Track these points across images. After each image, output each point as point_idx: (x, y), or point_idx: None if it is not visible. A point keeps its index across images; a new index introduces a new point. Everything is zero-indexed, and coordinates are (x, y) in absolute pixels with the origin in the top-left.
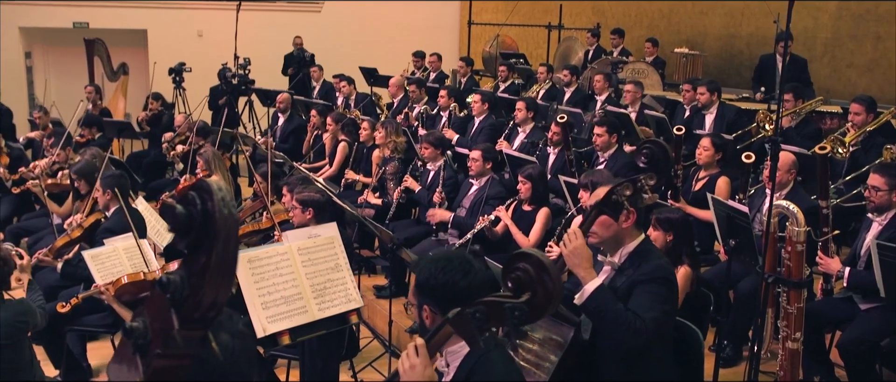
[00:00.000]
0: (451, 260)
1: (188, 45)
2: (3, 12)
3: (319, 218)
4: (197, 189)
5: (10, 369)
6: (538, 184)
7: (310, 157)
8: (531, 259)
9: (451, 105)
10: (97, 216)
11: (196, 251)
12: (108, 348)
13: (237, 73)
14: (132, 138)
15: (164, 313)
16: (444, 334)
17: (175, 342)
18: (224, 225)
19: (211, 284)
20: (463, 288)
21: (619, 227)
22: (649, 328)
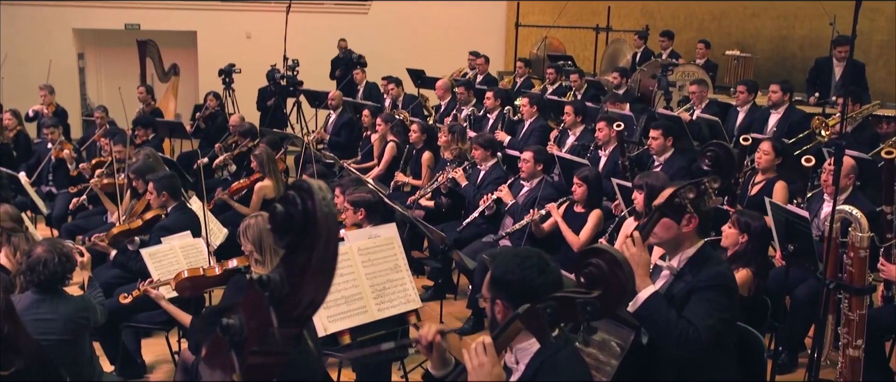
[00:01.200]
0: (528, 257)
1: (236, 47)
2: (57, 14)
3: (371, 218)
4: (297, 188)
5: (71, 364)
6: (594, 186)
7: (358, 156)
8: (604, 254)
9: (498, 107)
10: (158, 212)
11: (296, 250)
12: (162, 345)
13: (285, 75)
14: (183, 138)
15: (261, 311)
16: (514, 330)
17: (273, 339)
18: (325, 224)
19: (311, 283)
20: (538, 285)
21: (679, 231)
22: (703, 337)
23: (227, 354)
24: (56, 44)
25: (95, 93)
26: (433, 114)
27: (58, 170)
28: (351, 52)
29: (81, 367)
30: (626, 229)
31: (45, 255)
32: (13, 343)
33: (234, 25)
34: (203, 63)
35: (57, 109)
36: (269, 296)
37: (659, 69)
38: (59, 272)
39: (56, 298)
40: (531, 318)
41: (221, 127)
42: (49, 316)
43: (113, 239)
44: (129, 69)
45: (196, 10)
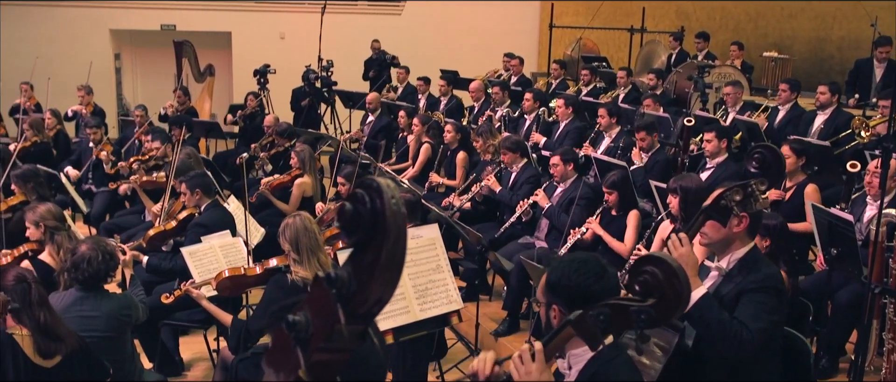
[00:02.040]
0: (585, 262)
1: (270, 48)
2: (94, 15)
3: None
4: (365, 187)
5: (113, 360)
6: (623, 189)
7: (393, 157)
8: (660, 263)
9: (536, 108)
10: (191, 210)
11: (364, 248)
12: (199, 343)
13: (320, 75)
14: (219, 138)
15: (328, 308)
16: (565, 336)
17: (340, 336)
18: (395, 222)
19: (380, 280)
20: (596, 291)
21: (729, 231)
22: (754, 338)
23: (292, 350)
24: (93, 44)
25: (131, 94)
26: (466, 116)
27: (97, 169)
28: (384, 53)
29: (123, 364)
30: (663, 232)
31: (89, 253)
32: (52, 331)
33: (268, 26)
34: (237, 63)
35: (95, 109)
36: (336, 293)
37: (695, 71)
38: (103, 270)
39: (99, 296)
40: (583, 325)
41: (259, 127)
42: (92, 313)
43: (149, 242)
44: (165, 69)
45: (231, 11)
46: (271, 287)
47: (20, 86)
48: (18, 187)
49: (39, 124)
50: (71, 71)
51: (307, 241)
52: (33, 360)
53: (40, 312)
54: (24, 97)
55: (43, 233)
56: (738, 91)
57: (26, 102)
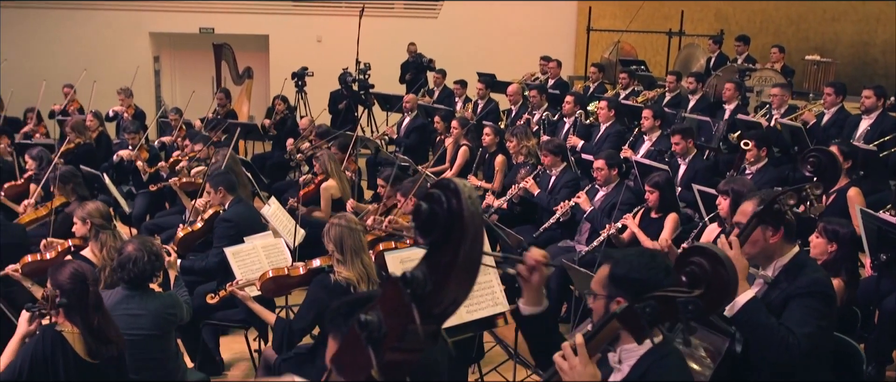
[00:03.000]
0: (654, 258)
1: (307, 51)
2: (135, 19)
3: None
4: (442, 187)
5: (157, 359)
6: (666, 191)
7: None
8: (706, 252)
9: (576, 111)
10: (216, 208)
11: (440, 248)
12: (240, 343)
13: (357, 78)
14: (256, 140)
15: (401, 308)
16: (610, 330)
17: (415, 336)
18: (472, 222)
19: (456, 281)
20: (665, 286)
21: (766, 243)
22: (802, 344)
23: (363, 350)
24: (133, 47)
25: (169, 96)
26: (503, 119)
27: (137, 171)
28: (421, 56)
29: (167, 363)
30: (709, 235)
31: (135, 253)
32: (103, 334)
33: (304, 29)
34: (274, 66)
35: (136, 111)
36: (411, 293)
37: (735, 74)
38: (148, 270)
39: (145, 295)
40: (629, 317)
41: (291, 130)
42: (138, 312)
43: (180, 244)
44: (203, 72)
45: (268, 14)
46: (315, 287)
47: (62, 89)
48: (58, 189)
49: (81, 126)
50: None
51: (351, 242)
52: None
53: (95, 315)
54: (67, 99)
55: (89, 230)
56: (784, 93)
57: (69, 105)
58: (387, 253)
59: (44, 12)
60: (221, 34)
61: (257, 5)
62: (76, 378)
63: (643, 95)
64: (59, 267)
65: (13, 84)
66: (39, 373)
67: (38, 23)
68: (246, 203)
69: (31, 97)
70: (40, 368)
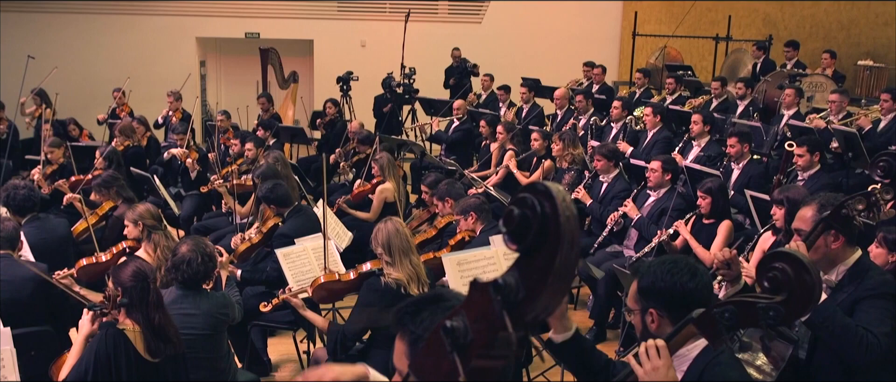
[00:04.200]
0: (676, 263)
1: (351, 55)
2: (182, 24)
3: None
4: (534, 191)
5: (209, 359)
6: (718, 197)
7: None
8: (790, 257)
9: (623, 117)
10: (275, 220)
11: (533, 254)
12: (287, 344)
13: (402, 82)
14: (303, 143)
15: (490, 314)
16: (685, 334)
17: (505, 343)
18: (568, 227)
19: (552, 288)
20: (692, 289)
21: (828, 249)
22: (881, 342)
23: (447, 356)
24: (180, 52)
25: (215, 100)
26: (548, 124)
27: (186, 173)
28: (465, 61)
29: (219, 362)
30: (764, 244)
31: (189, 255)
32: (163, 332)
33: (349, 34)
34: (318, 71)
35: (183, 115)
36: (501, 300)
37: (785, 79)
38: (202, 271)
39: (198, 295)
40: (707, 322)
41: (339, 133)
42: (192, 311)
43: (240, 256)
44: (248, 76)
45: (313, 19)
46: (366, 290)
47: (113, 93)
48: (101, 195)
49: (128, 129)
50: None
51: (399, 244)
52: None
53: (156, 314)
54: (116, 103)
55: (141, 231)
56: (843, 99)
57: (118, 109)
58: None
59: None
60: (267, 39)
61: (302, 10)
62: (138, 377)
63: (690, 103)
64: (121, 265)
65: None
66: (103, 372)
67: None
68: (305, 212)
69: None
70: (104, 367)
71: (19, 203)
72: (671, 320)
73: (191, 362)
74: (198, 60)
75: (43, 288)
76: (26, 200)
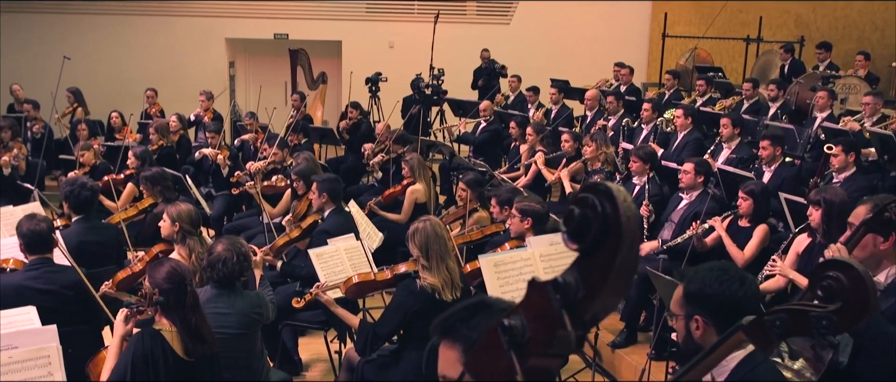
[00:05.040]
0: (725, 270)
1: (380, 57)
2: (212, 25)
3: (537, 228)
4: (595, 191)
5: (243, 358)
6: (760, 200)
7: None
8: (845, 266)
9: (654, 118)
10: (315, 217)
11: (592, 253)
12: (317, 344)
13: (430, 84)
14: (332, 144)
15: (549, 313)
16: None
17: (565, 342)
18: (629, 227)
19: (612, 287)
20: (740, 297)
21: (875, 248)
22: None
23: (504, 355)
24: (209, 53)
25: (243, 100)
26: (577, 125)
27: (217, 174)
28: (493, 62)
29: (253, 361)
30: (798, 245)
31: (224, 254)
32: (199, 333)
33: (377, 35)
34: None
35: (214, 114)
36: (560, 299)
37: (818, 81)
38: (237, 270)
39: (232, 294)
40: (757, 330)
41: (365, 135)
42: (226, 310)
43: (277, 251)
44: (276, 77)
45: (342, 21)
46: (401, 291)
47: (145, 92)
48: (147, 189)
49: (165, 128)
50: (189, 77)
51: (437, 248)
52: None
53: (192, 315)
54: (149, 103)
55: (176, 232)
56: (877, 101)
57: (151, 108)
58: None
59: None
60: (295, 40)
61: (331, 11)
62: (174, 377)
63: (720, 103)
64: (156, 265)
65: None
66: (141, 372)
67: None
68: (344, 213)
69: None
70: (141, 367)
71: (81, 202)
72: (716, 328)
73: (225, 361)
74: (227, 61)
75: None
76: (87, 202)
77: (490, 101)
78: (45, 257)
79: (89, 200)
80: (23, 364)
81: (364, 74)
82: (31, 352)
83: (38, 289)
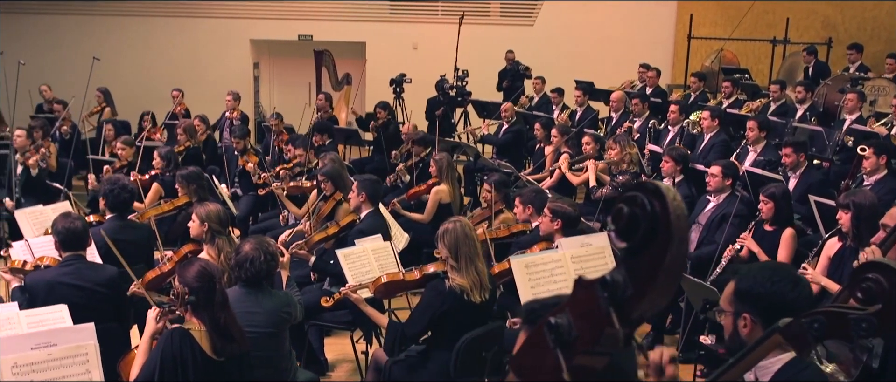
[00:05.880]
0: (777, 270)
1: (403, 58)
2: (236, 26)
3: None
4: (644, 190)
5: (271, 357)
6: (782, 203)
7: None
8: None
9: (680, 120)
10: (352, 217)
11: (641, 251)
12: (342, 344)
13: (455, 85)
14: (356, 145)
15: (596, 311)
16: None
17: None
18: (679, 225)
19: (661, 285)
20: (791, 299)
21: None
22: None
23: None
24: (234, 54)
25: (267, 101)
26: (602, 127)
27: (244, 175)
28: (518, 64)
29: (281, 361)
30: (829, 250)
31: (252, 253)
32: (228, 332)
33: (401, 37)
34: (370, 73)
35: (241, 116)
36: (608, 297)
37: (847, 83)
38: (264, 269)
39: (261, 293)
40: (795, 332)
41: (392, 135)
42: (254, 309)
43: (312, 247)
44: (299, 78)
45: (366, 22)
46: (429, 292)
47: (171, 92)
48: (182, 188)
49: (192, 129)
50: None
51: (467, 249)
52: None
53: (221, 314)
54: (175, 103)
55: (205, 231)
56: None
57: (176, 108)
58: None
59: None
60: (319, 41)
61: (355, 13)
62: (204, 376)
63: (747, 106)
64: (186, 265)
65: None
66: (170, 372)
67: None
68: (381, 216)
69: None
70: (170, 366)
71: (119, 202)
72: (764, 327)
73: (253, 360)
74: (251, 62)
75: (116, 293)
76: (125, 203)
77: (511, 103)
78: (78, 254)
79: (127, 202)
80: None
81: (388, 76)
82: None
83: (71, 285)
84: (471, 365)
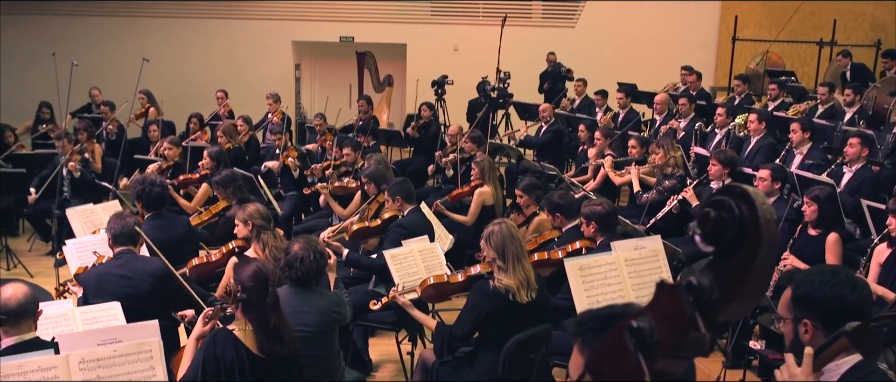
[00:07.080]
0: (836, 274)
1: (444, 59)
2: (278, 28)
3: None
4: (732, 194)
5: (320, 356)
6: (826, 206)
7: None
8: None
9: (727, 123)
10: (394, 212)
11: (729, 256)
12: (386, 345)
13: (496, 87)
14: (398, 146)
15: (679, 315)
16: (837, 348)
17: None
18: (768, 230)
19: (749, 290)
20: (852, 301)
21: None
22: None
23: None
24: (277, 56)
25: (308, 102)
26: (646, 129)
27: (285, 174)
28: (559, 66)
29: (330, 360)
30: (879, 256)
31: (301, 253)
32: (278, 334)
33: (442, 39)
34: (411, 74)
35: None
36: (693, 301)
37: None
38: (314, 269)
39: (310, 292)
40: (863, 337)
41: (434, 136)
42: (304, 309)
43: (352, 236)
44: (340, 79)
45: (407, 24)
46: (474, 293)
47: (215, 93)
48: (218, 192)
49: (232, 130)
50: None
51: (514, 249)
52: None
53: (272, 316)
54: (220, 104)
55: (250, 231)
56: None
57: (221, 109)
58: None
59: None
60: (361, 43)
61: (396, 14)
62: (252, 377)
63: (794, 108)
64: (242, 264)
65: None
66: (212, 374)
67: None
68: (422, 214)
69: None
70: (212, 369)
71: (153, 199)
72: (825, 332)
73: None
74: (293, 64)
75: (162, 284)
76: (158, 198)
77: (549, 103)
78: (129, 249)
79: (160, 196)
80: (126, 358)
81: (429, 77)
82: (134, 346)
83: (119, 275)
84: (519, 367)
